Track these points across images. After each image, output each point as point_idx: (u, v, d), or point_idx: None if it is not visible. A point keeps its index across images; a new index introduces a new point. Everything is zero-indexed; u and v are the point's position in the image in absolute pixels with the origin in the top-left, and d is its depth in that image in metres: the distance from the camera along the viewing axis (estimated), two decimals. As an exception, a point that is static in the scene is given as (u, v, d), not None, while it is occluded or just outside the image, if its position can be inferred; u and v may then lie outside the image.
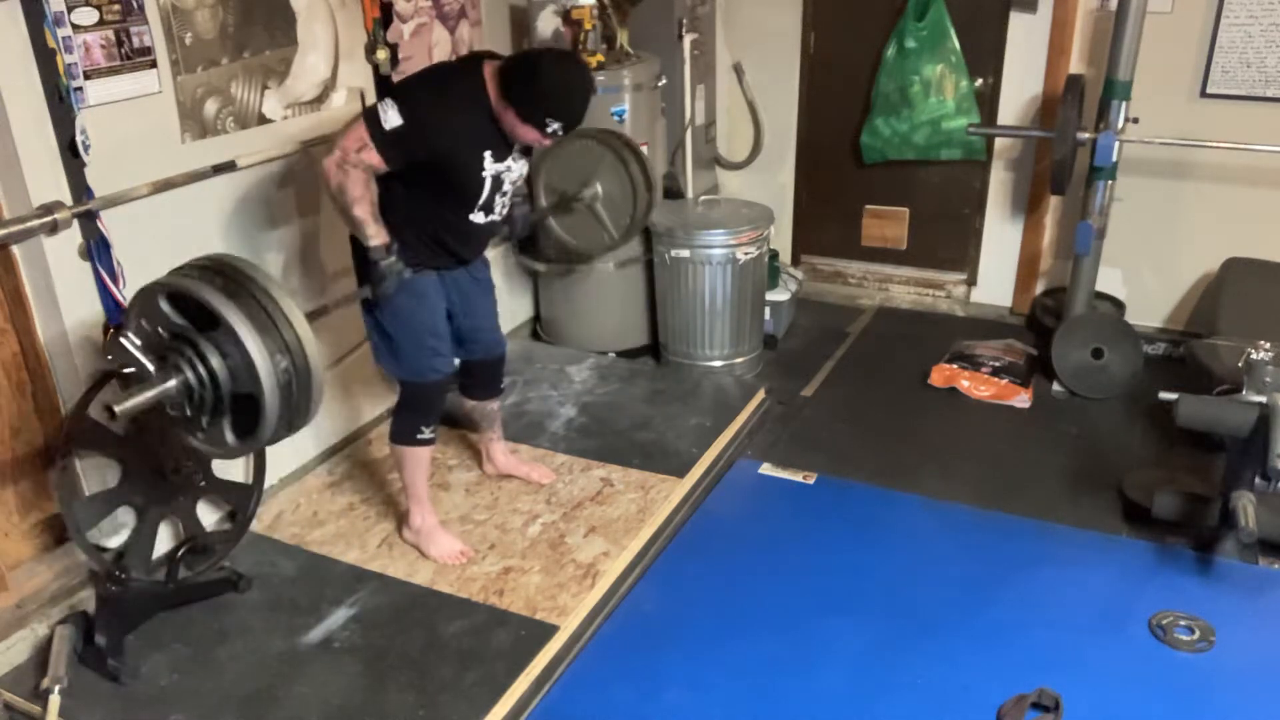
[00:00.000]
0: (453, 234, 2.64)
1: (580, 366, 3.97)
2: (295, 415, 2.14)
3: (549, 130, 2.46)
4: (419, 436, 2.80)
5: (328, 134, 3.14)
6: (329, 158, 2.43)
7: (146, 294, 2.09)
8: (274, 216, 3.08)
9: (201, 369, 2.04)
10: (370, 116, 2.41)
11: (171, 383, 2.04)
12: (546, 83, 2.42)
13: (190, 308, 2.05)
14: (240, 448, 2.19)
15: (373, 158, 2.42)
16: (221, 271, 2.07)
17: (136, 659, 2.50)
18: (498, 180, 2.60)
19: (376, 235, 2.49)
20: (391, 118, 2.38)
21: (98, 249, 2.53)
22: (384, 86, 3.33)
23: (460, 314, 2.84)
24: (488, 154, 2.54)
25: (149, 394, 2.03)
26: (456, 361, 2.94)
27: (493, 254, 3.66)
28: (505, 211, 2.72)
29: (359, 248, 2.58)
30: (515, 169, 2.65)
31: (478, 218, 2.63)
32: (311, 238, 3.21)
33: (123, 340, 2.09)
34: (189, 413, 2.10)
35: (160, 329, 2.09)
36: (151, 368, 2.06)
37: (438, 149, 2.46)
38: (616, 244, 3.63)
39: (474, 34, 3.79)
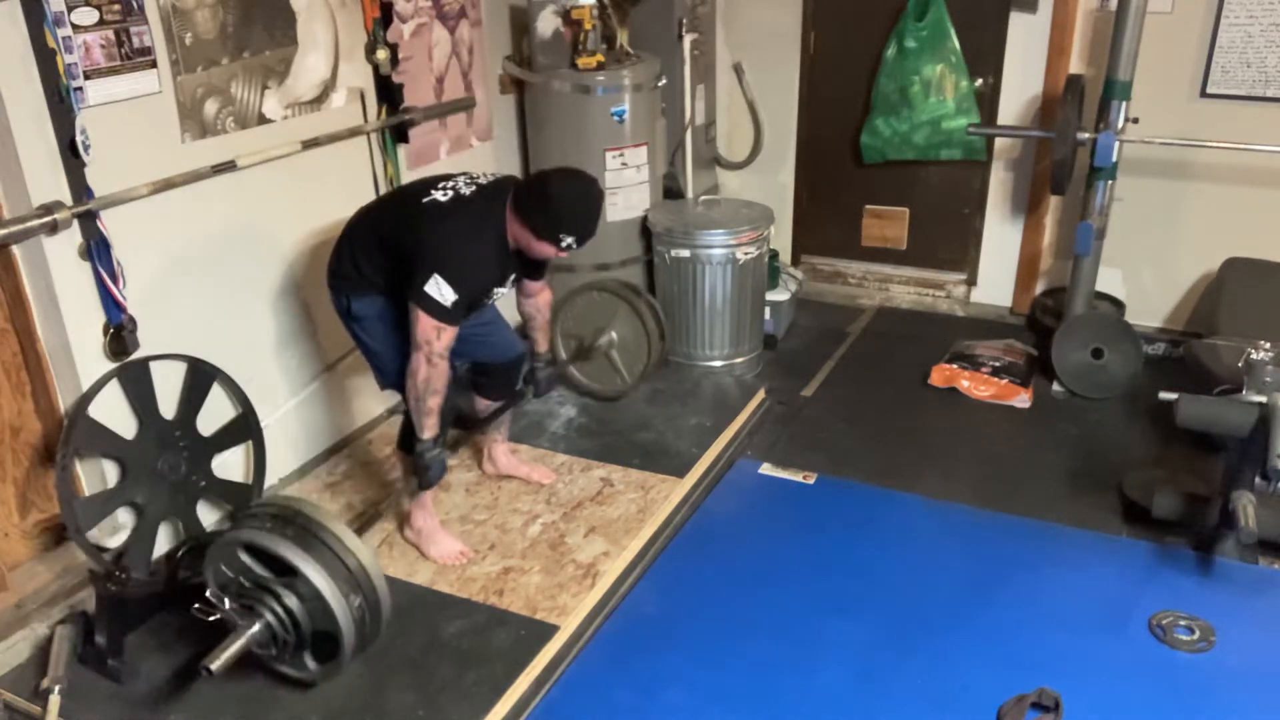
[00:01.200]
0: None
1: (580, 366, 3.97)
2: (367, 641, 2.37)
3: (563, 245, 2.57)
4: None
5: (328, 134, 3.15)
6: (417, 354, 2.53)
7: (227, 547, 2.29)
8: (274, 216, 3.08)
9: (282, 613, 2.25)
10: (429, 304, 2.48)
11: (256, 628, 2.24)
12: (558, 203, 2.54)
13: (265, 555, 2.25)
14: (323, 674, 2.39)
15: (451, 335, 2.54)
16: (292, 520, 2.27)
17: (136, 659, 2.50)
18: (494, 297, 2.76)
19: (432, 429, 2.62)
20: (448, 294, 2.48)
21: (98, 249, 2.53)
22: (384, 88, 3.34)
23: (468, 331, 2.85)
24: (498, 285, 2.71)
25: (240, 643, 2.22)
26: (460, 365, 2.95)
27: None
28: None
29: (408, 436, 2.73)
30: (508, 290, 2.80)
31: None
32: (311, 238, 3.21)
33: (209, 594, 2.29)
34: (274, 651, 2.29)
35: (241, 578, 2.29)
36: (238, 618, 2.25)
37: (476, 296, 2.63)
38: (630, 389, 3.72)
39: (474, 34, 3.79)
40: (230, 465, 3.01)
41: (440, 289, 2.47)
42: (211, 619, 2.26)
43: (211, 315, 2.91)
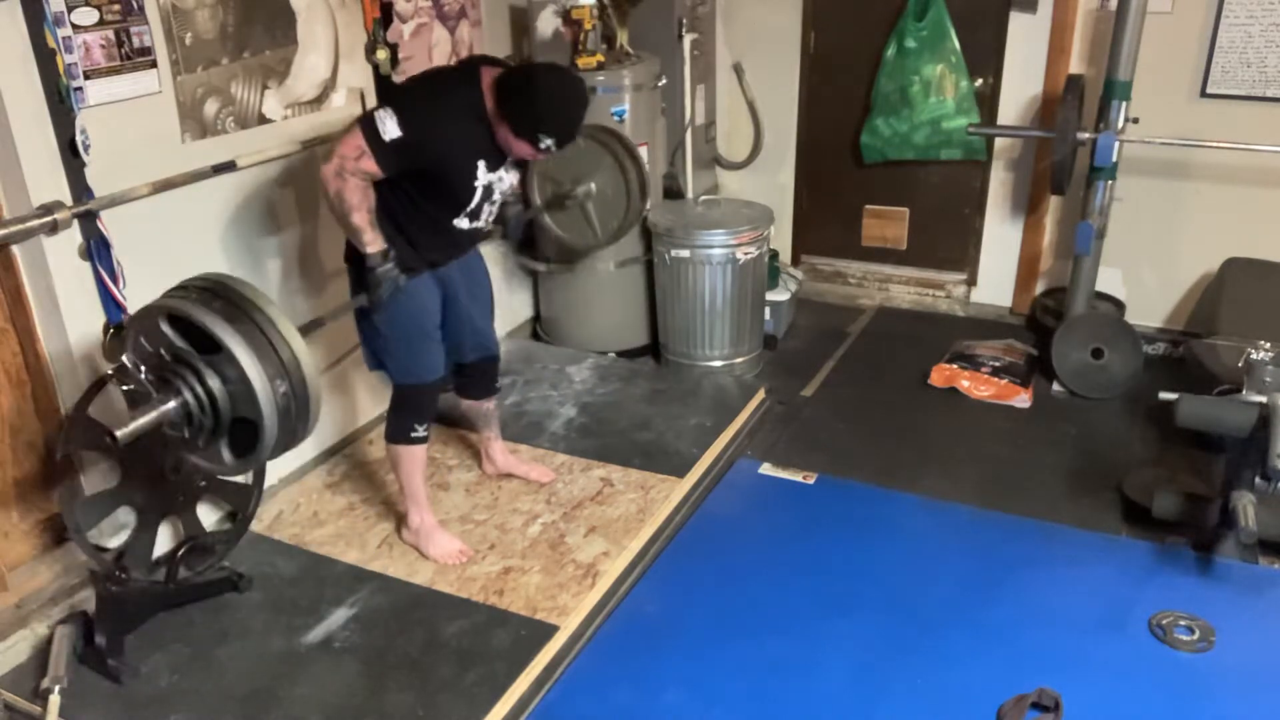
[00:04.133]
0: (435, 237, 2.64)
1: (580, 366, 3.97)
2: (292, 436, 2.16)
3: (542, 146, 2.47)
4: (412, 435, 2.81)
5: (328, 134, 3.15)
6: (326, 165, 2.43)
7: (147, 315, 2.10)
8: (273, 216, 3.08)
9: (201, 392, 2.06)
10: (368, 125, 2.39)
11: (171, 404, 2.06)
12: (540, 98, 2.42)
13: (190, 330, 2.06)
14: (237, 466, 2.22)
15: (371, 166, 2.41)
16: (221, 294, 2.08)
17: (136, 659, 2.50)
18: (488, 189, 2.60)
19: (373, 242, 2.49)
20: (390, 128, 2.37)
21: (98, 249, 2.53)
22: (384, 90, 3.33)
23: (453, 311, 2.83)
24: (481, 163, 2.54)
25: (150, 416, 2.05)
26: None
27: (493, 254, 3.68)
28: (491, 220, 2.73)
29: (354, 255, 2.58)
30: (506, 179, 2.65)
31: (462, 223, 2.64)
32: (311, 238, 3.21)
33: (125, 360, 2.11)
34: (187, 434, 2.12)
35: (161, 350, 2.10)
36: (153, 390, 2.08)
37: (434, 158, 2.47)
38: (601, 244, 3.63)
39: (474, 34, 3.79)
40: (230, 465, 3.01)
41: (385, 120, 2.37)
42: (124, 389, 2.11)
43: (211, 315, 2.91)
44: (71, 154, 2.42)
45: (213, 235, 2.88)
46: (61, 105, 2.38)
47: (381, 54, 3.29)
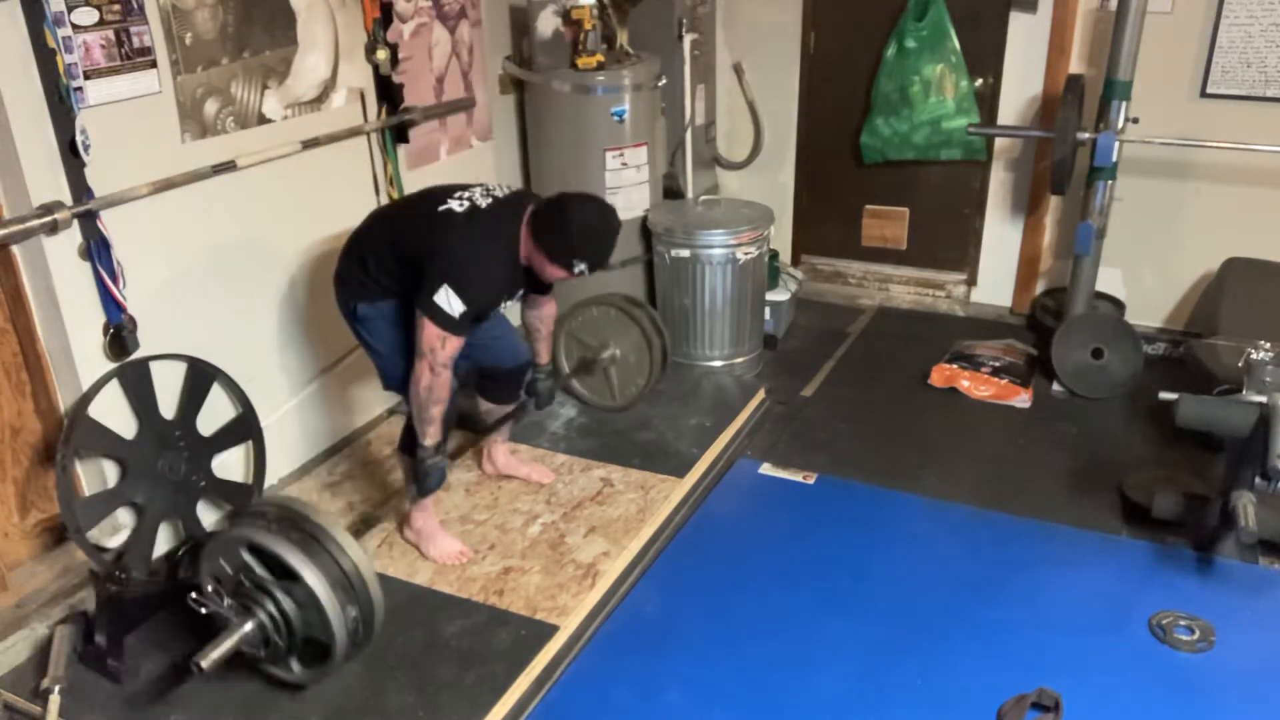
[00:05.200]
0: None
1: (580, 366, 3.97)
2: (358, 650, 2.37)
3: (576, 270, 2.60)
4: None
5: (328, 134, 3.15)
6: (420, 362, 2.53)
7: (230, 543, 2.28)
8: (274, 216, 3.08)
9: (279, 616, 2.24)
10: (437, 314, 2.48)
11: (249, 626, 2.24)
12: (575, 228, 2.56)
13: (267, 556, 2.24)
14: (306, 677, 2.38)
15: (454, 348, 2.54)
16: (297, 525, 2.27)
17: (136, 659, 2.50)
18: (502, 307, 2.81)
19: (435, 436, 2.63)
20: (456, 306, 2.48)
21: (98, 249, 2.53)
22: (384, 88, 3.33)
23: (481, 329, 2.86)
24: (507, 298, 2.73)
25: (231, 641, 2.22)
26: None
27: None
28: None
29: (409, 446, 2.73)
30: (516, 298, 2.84)
31: None
32: (311, 238, 3.21)
33: (204, 581, 2.30)
34: (263, 652, 2.29)
35: (241, 576, 2.27)
36: (232, 615, 2.25)
37: (484, 310, 2.65)
38: (618, 408, 3.70)
39: (474, 34, 3.79)
40: (230, 465, 3.01)
41: (449, 300, 2.47)
42: (205, 612, 2.26)
43: (211, 315, 2.91)
44: (71, 154, 2.42)
45: (213, 235, 2.88)
46: (61, 105, 2.38)
47: (381, 54, 3.29)
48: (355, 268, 2.69)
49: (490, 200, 2.63)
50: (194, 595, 2.27)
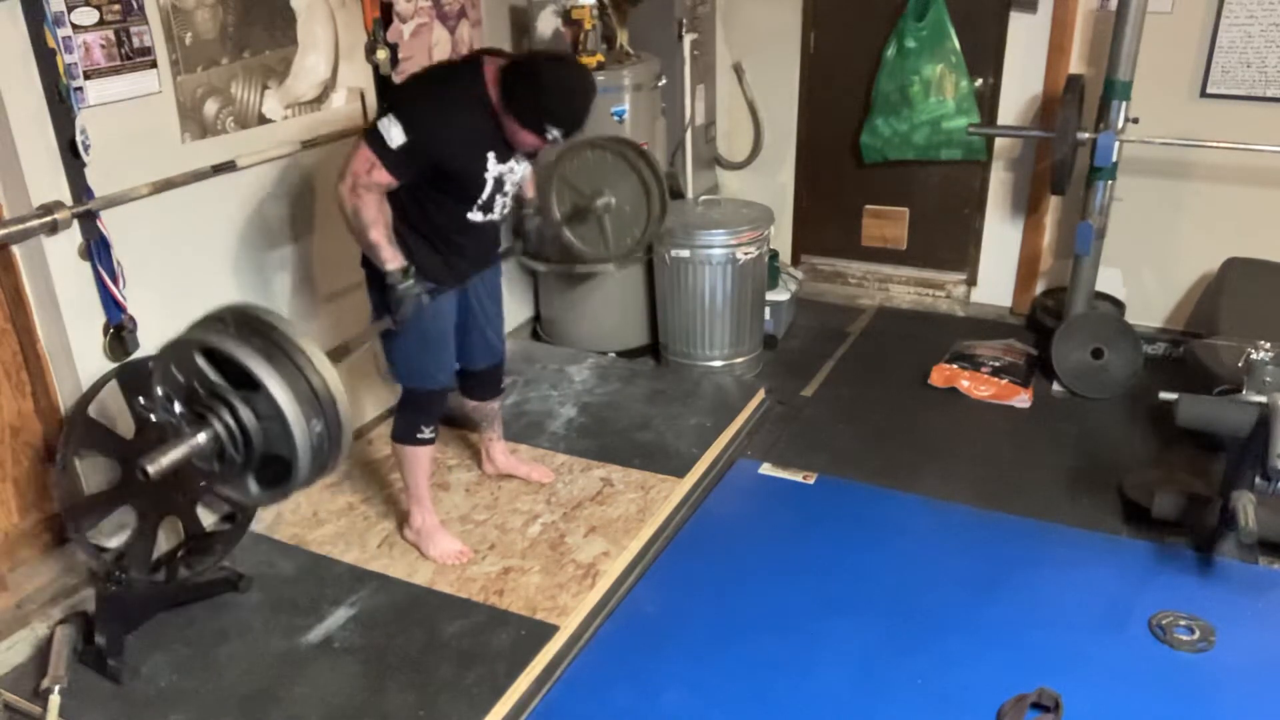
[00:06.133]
0: (451, 232, 2.63)
1: (580, 366, 3.97)
2: (322, 471, 2.13)
3: (549, 136, 2.45)
4: (419, 436, 2.81)
5: (328, 134, 3.15)
6: (341, 184, 2.42)
7: (182, 347, 2.06)
8: (274, 216, 3.08)
9: (235, 428, 2.02)
10: (374, 136, 2.38)
11: (203, 438, 2.01)
12: (545, 88, 2.40)
13: (224, 363, 2.02)
14: (264, 498, 2.17)
15: (383, 176, 2.40)
16: (259, 330, 2.04)
17: (136, 659, 2.50)
18: (499, 181, 2.59)
19: (393, 259, 2.48)
20: (396, 135, 2.36)
21: (98, 249, 2.53)
22: (384, 88, 3.33)
23: (471, 322, 2.86)
24: (491, 155, 2.53)
25: (181, 450, 2.00)
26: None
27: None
28: (505, 211, 2.72)
29: (375, 276, 2.58)
30: (518, 170, 2.64)
31: (476, 216, 2.62)
32: (312, 238, 3.21)
33: (156, 389, 2.08)
34: (217, 468, 2.08)
35: (195, 382, 2.05)
36: (184, 423, 2.04)
37: (443, 156, 2.45)
38: (611, 259, 3.60)
39: (474, 34, 3.79)
40: (230, 465, 3.01)
41: (390, 127, 2.36)
42: (154, 419, 2.07)
43: (211, 315, 2.91)
44: (71, 154, 2.42)
45: (213, 235, 2.88)
46: (61, 105, 2.38)
47: (381, 54, 3.29)
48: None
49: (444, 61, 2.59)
50: (140, 401, 2.06)
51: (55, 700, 2.31)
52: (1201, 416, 2.73)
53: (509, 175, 2.61)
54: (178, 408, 2.04)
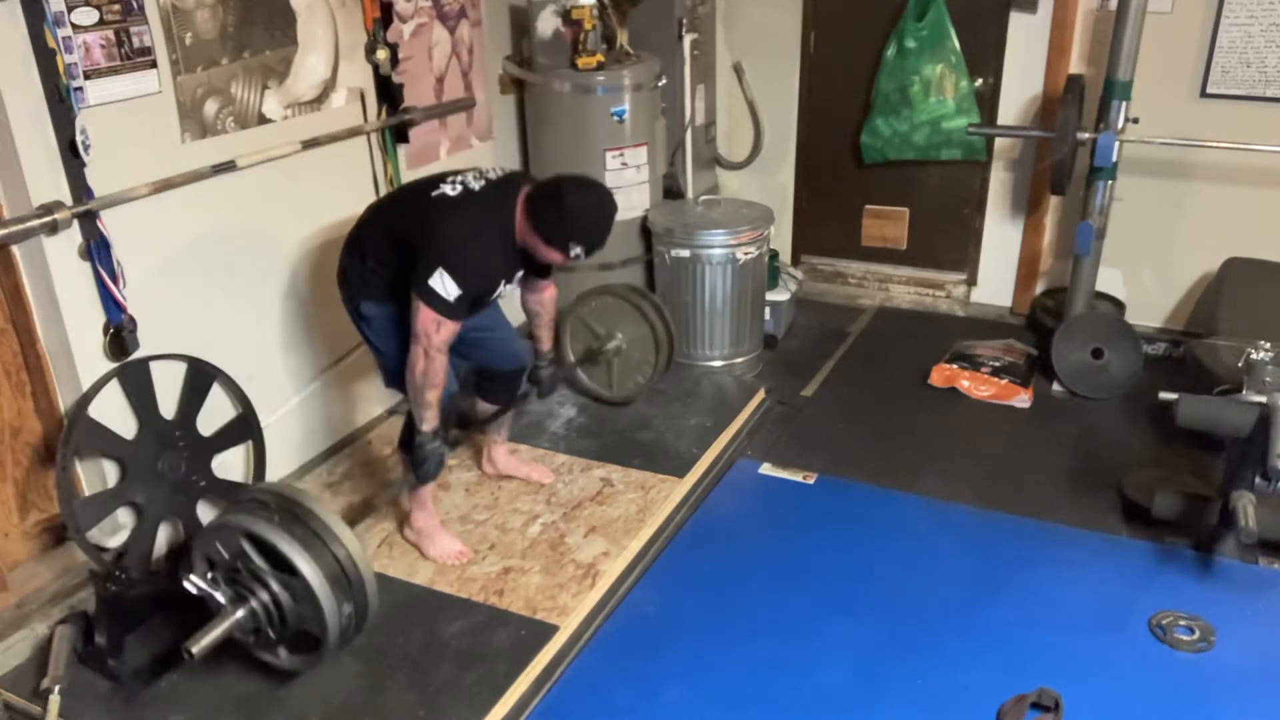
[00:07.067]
0: None
1: (580, 366, 3.97)
2: (348, 644, 2.38)
3: (572, 254, 2.57)
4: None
5: (328, 134, 3.15)
6: (415, 347, 2.52)
7: (228, 531, 2.27)
8: (274, 217, 3.08)
9: (273, 607, 2.24)
10: (430, 296, 2.47)
11: (241, 614, 2.24)
12: (570, 210, 2.53)
13: (266, 547, 2.23)
14: (293, 664, 2.38)
15: (451, 329, 2.52)
16: (299, 517, 2.26)
17: (136, 659, 2.50)
18: (498, 294, 2.74)
19: (432, 421, 2.61)
20: (451, 289, 2.47)
21: (98, 249, 2.53)
22: (384, 88, 3.33)
23: (482, 328, 2.87)
24: (504, 282, 2.68)
25: (222, 627, 2.21)
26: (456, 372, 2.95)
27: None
28: None
29: (407, 440, 2.74)
30: (514, 284, 2.79)
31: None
32: (311, 238, 3.21)
33: (196, 563, 2.31)
34: (253, 640, 2.30)
35: (238, 563, 2.26)
36: (224, 600, 2.24)
37: (481, 291, 2.60)
38: (615, 401, 3.70)
39: (474, 34, 3.79)
40: (230, 465, 3.01)
41: (444, 283, 2.46)
42: (196, 593, 2.24)
43: (211, 315, 2.91)
44: (71, 154, 2.42)
45: (213, 235, 2.88)
46: (61, 105, 2.38)
47: (381, 54, 3.29)
48: (355, 261, 2.69)
49: (483, 183, 2.63)
50: (190, 578, 2.25)
51: (55, 700, 2.31)
52: (1201, 416, 2.73)
53: (505, 288, 2.75)
54: (222, 585, 2.26)
